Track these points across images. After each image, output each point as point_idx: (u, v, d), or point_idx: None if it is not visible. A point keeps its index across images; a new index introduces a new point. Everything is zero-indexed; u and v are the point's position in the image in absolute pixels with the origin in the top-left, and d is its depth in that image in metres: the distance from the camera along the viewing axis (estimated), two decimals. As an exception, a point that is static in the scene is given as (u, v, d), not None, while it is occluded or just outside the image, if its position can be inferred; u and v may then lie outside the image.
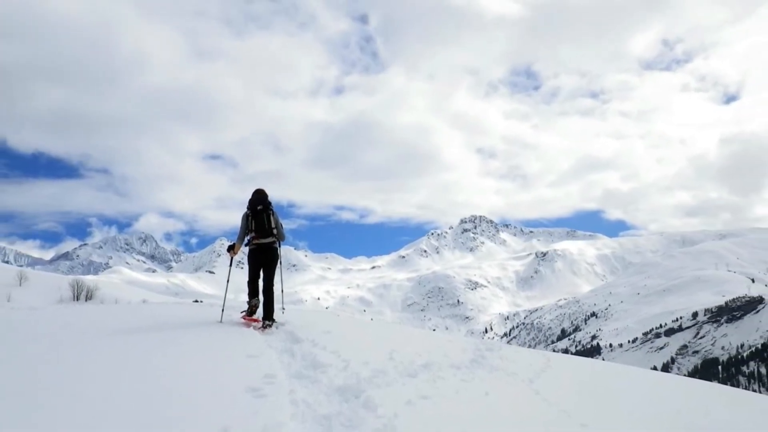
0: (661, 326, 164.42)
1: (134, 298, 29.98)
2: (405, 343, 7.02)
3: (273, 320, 7.03)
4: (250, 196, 7.37)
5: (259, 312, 7.27)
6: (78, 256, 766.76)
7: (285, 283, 8.43)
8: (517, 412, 4.57)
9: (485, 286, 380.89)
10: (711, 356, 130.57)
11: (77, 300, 26.91)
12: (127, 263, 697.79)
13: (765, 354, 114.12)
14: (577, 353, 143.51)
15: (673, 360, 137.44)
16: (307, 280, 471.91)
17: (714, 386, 8.93)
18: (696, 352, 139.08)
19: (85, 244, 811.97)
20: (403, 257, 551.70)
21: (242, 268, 7.34)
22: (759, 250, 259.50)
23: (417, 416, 3.87)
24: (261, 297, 7.24)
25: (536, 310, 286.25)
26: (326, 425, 3.50)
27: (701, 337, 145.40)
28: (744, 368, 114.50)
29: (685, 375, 70.66)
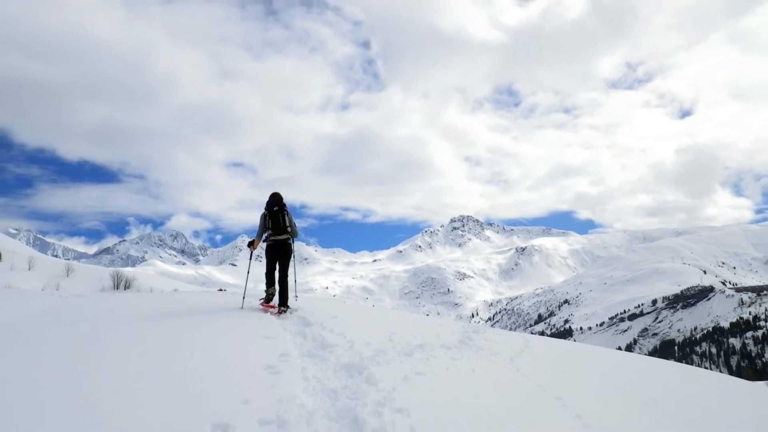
0: (625, 312, 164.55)
1: (166, 288, 30.00)
2: (402, 326, 7.03)
3: (287, 306, 7.05)
4: (267, 199, 7.37)
5: (275, 299, 7.30)
6: (118, 250, 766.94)
7: (297, 274, 8.44)
8: (499, 386, 4.60)
9: (472, 277, 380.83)
10: (668, 338, 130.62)
11: (117, 289, 26.91)
12: (160, 257, 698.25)
13: (715, 336, 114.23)
14: (552, 335, 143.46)
15: (635, 341, 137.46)
16: (317, 271, 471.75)
17: (671, 364, 8.93)
18: (655, 334, 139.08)
19: (123, 240, 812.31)
20: (401, 252, 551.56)
21: (260, 261, 7.34)
22: (710, 246, 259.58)
23: (413, 390, 3.89)
24: (277, 286, 7.26)
25: (516, 297, 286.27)
26: (333, 398, 3.53)
27: (660, 322, 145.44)
28: (697, 348, 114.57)
29: (646, 354, 70.61)
